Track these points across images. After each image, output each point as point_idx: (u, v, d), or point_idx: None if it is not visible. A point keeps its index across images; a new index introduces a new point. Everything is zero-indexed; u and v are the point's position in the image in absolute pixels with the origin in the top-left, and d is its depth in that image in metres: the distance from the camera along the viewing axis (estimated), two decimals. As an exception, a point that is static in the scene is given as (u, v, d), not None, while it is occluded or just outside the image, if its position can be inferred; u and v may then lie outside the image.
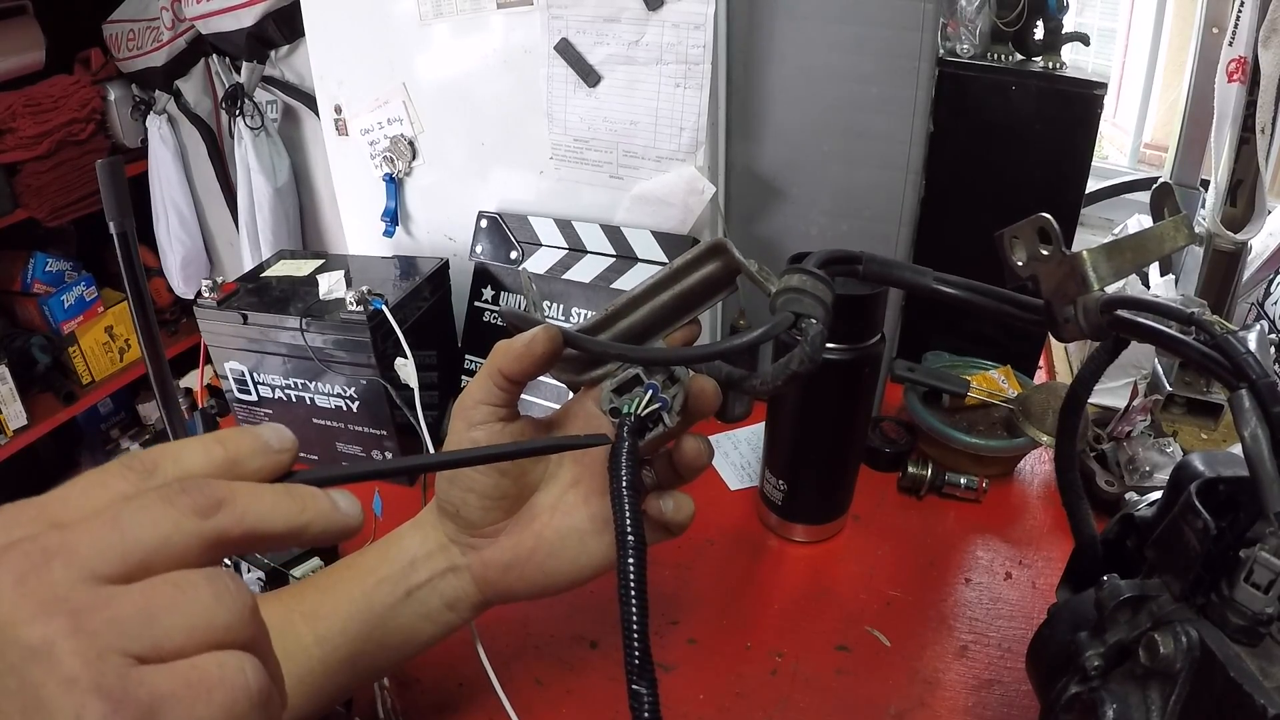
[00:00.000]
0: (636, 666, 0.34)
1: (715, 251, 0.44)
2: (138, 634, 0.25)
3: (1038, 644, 0.48)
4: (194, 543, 0.27)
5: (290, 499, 0.29)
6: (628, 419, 0.41)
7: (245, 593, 0.27)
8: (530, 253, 0.90)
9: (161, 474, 0.28)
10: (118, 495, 0.28)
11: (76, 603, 0.25)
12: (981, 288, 0.46)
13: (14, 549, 0.25)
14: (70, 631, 0.24)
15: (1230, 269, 0.90)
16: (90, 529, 0.26)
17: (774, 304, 0.41)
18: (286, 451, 0.31)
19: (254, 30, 1.61)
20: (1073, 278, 0.36)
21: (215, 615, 0.26)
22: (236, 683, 0.26)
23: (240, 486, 0.28)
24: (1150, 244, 0.39)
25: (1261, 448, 0.36)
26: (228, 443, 0.30)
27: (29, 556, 0.25)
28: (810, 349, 0.39)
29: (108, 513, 0.27)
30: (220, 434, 0.30)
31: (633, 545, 0.37)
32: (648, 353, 0.44)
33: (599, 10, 0.79)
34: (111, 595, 0.25)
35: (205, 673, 0.25)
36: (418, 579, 0.51)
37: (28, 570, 0.25)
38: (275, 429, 0.31)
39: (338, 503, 0.30)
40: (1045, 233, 0.37)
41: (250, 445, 0.30)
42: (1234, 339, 0.38)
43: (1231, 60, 0.82)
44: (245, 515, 0.28)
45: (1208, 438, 0.89)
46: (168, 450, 0.29)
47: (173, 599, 0.26)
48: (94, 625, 0.25)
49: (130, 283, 1.02)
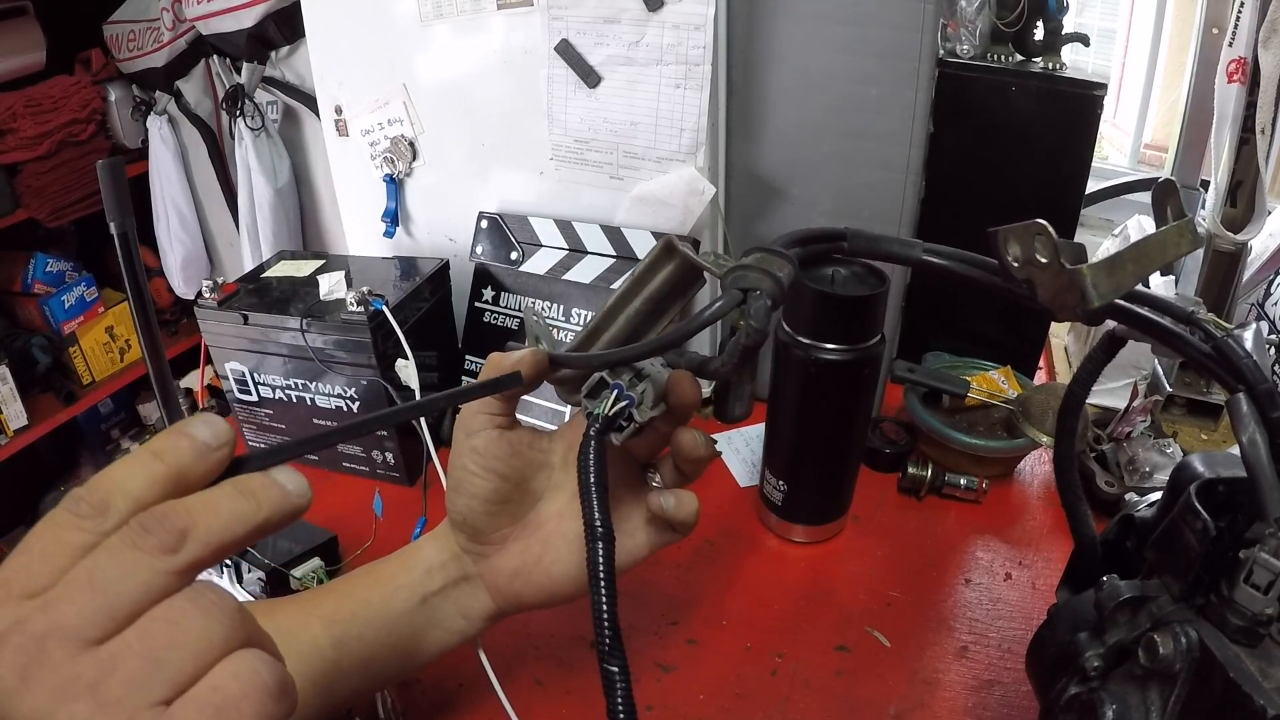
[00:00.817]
0: (607, 649, 0.37)
1: (667, 252, 0.45)
2: (154, 682, 0.26)
3: (1037, 645, 0.48)
4: (171, 580, 0.27)
5: (244, 500, 0.29)
6: (594, 420, 0.43)
7: (226, 597, 0.28)
8: (530, 253, 0.91)
9: (114, 512, 0.28)
10: (79, 548, 0.27)
11: (88, 678, 0.25)
12: (972, 258, 0.46)
13: (5, 644, 0.25)
14: (97, 708, 0.25)
15: (1230, 270, 0.90)
16: (70, 598, 0.26)
17: (723, 283, 0.42)
18: (225, 446, 0.30)
19: (254, 31, 1.61)
20: (1071, 291, 0.36)
21: (212, 632, 0.27)
22: (256, 685, 0.27)
23: (196, 506, 0.28)
24: (1153, 252, 0.39)
25: (1260, 452, 0.36)
26: (166, 455, 0.29)
27: (23, 649, 0.25)
28: (756, 322, 0.39)
29: (80, 575, 0.26)
30: (156, 446, 0.29)
31: (601, 536, 0.39)
32: (601, 357, 0.45)
33: (599, 11, 0.79)
34: (115, 655, 0.26)
35: (226, 692, 0.26)
36: (433, 586, 0.52)
37: (27, 663, 0.25)
38: (208, 422, 0.30)
39: (286, 486, 0.30)
40: (1042, 241, 0.37)
41: (189, 451, 0.29)
42: (1232, 341, 0.38)
43: (1231, 61, 0.82)
44: (210, 536, 0.28)
45: (1208, 438, 0.89)
46: (112, 482, 0.28)
47: (170, 635, 0.26)
48: (114, 692, 0.25)
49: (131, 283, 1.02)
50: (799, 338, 0.67)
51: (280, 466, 0.31)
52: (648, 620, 0.69)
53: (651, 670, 0.65)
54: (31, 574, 0.27)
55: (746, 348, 0.40)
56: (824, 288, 0.65)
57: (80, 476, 2.30)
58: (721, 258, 0.43)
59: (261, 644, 0.28)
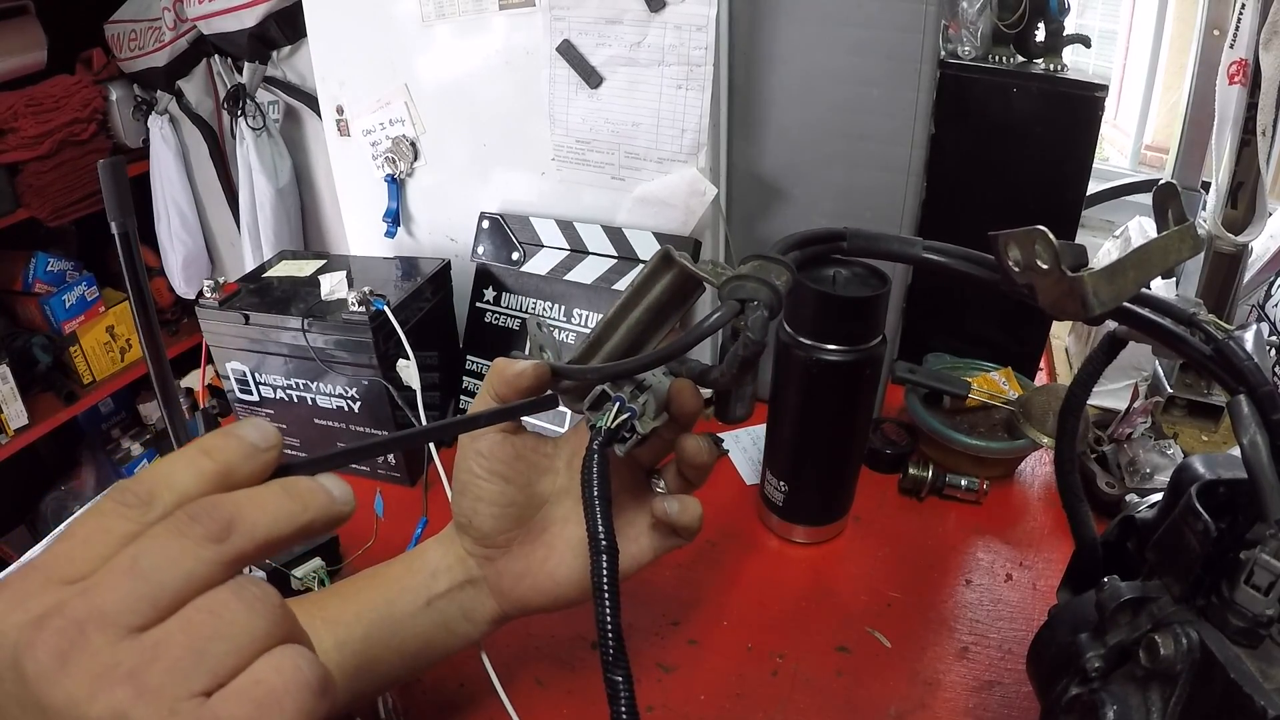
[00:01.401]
0: (611, 659, 0.37)
1: (665, 262, 0.45)
2: (195, 672, 0.25)
3: (1038, 645, 0.49)
4: (216, 570, 0.27)
5: (290, 500, 0.29)
6: (598, 433, 0.43)
7: (269, 591, 0.28)
8: (532, 254, 0.91)
9: (159, 503, 0.28)
10: (123, 537, 0.27)
11: (129, 665, 0.25)
12: (973, 255, 0.46)
13: (44, 627, 0.25)
14: (136, 696, 0.24)
15: (1231, 271, 0.90)
16: (113, 584, 0.26)
17: (721, 294, 0.42)
18: (273, 448, 0.30)
19: (256, 31, 1.61)
20: (1072, 298, 0.36)
21: (255, 626, 0.27)
22: (298, 680, 0.26)
23: (243, 499, 0.28)
24: (1154, 257, 0.39)
25: (1261, 454, 0.36)
26: (215, 453, 0.29)
27: (63, 632, 0.25)
28: (753, 333, 0.39)
29: (123, 561, 0.26)
30: (205, 444, 0.29)
31: (604, 549, 0.39)
32: (601, 370, 0.45)
33: (601, 12, 0.79)
34: (157, 644, 0.25)
35: (269, 685, 0.26)
36: (438, 589, 0.52)
37: (66, 647, 0.25)
38: (257, 425, 0.31)
39: (332, 492, 0.30)
40: (1043, 246, 0.37)
41: (238, 451, 0.29)
42: (1233, 343, 0.38)
43: (1232, 63, 0.82)
44: (255, 530, 0.28)
45: (1208, 439, 0.89)
46: (158, 475, 0.28)
47: (213, 626, 0.26)
48: (155, 681, 0.25)
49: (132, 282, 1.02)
50: (800, 339, 0.67)
51: (326, 473, 0.31)
52: (649, 620, 0.69)
53: (652, 670, 0.65)
54: (73, 560, 0.26)
55: (745, 358, 0.40)
56: (825, 289, 0.65)
57: (80, 476, 2.30)
58: (720, 266, 0.44)
59: (300, 640, 0.28)
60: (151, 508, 0.27)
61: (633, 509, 0.52)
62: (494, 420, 0.42)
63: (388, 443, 0.35)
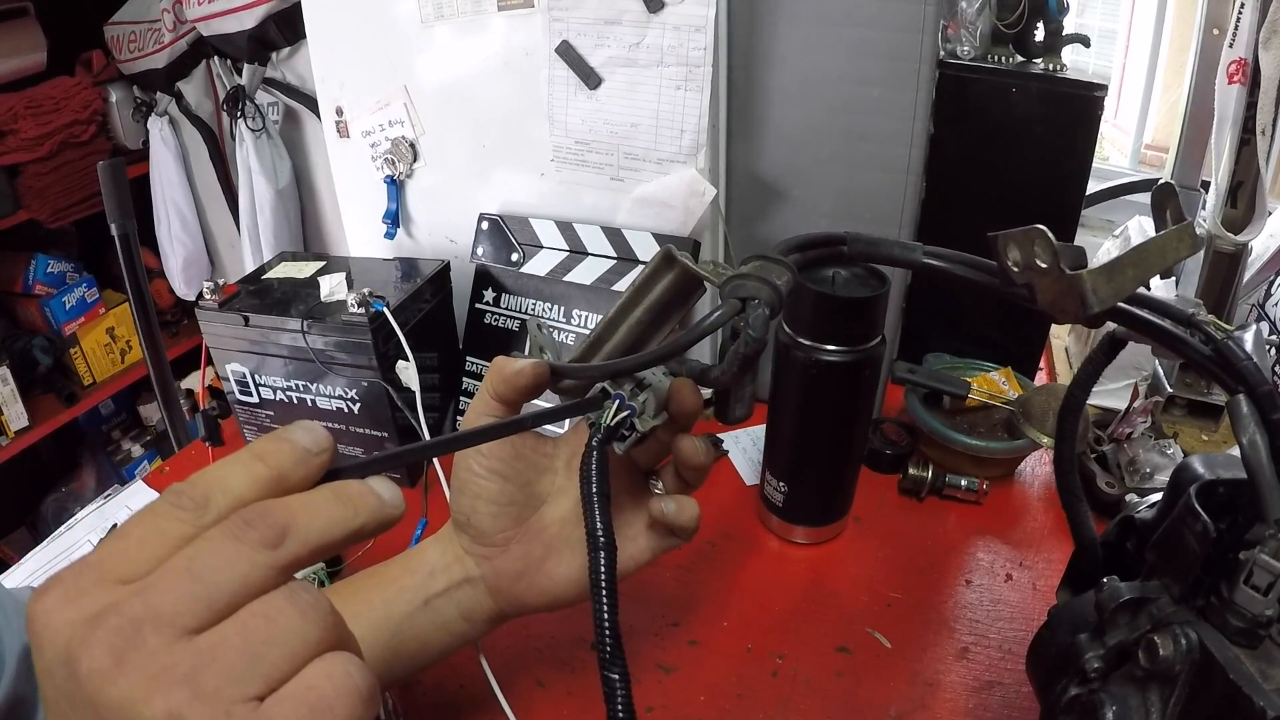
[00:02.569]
0: (608, 657, 0.37)
1: (667, 262, 0.45)
2: (250, 676, 0.25)
3: (1038, 646, 0.49)
4: (270, 575, 0.27)
5: (342, 504, 0.29)
6: (597, 430, 0.43)
7: (321, 597, 0.28)
8: (531, 255, 0.91)
9: (214, 507, 0.28)
10: (178, 539, 0.27)
11: (185, 666, 0.25)
12: (973, 260, 0.46)
13: (100, 626, 0.25)
14: (192, 697, 0.25)
15: (1231, 271, 0.90)
16: (169, 585, 0.26)
17: (722, 292, 0.42)
18: (325, 453, 0.31)
19: (255, 32, 1.61)
20: (1071, 296, 0.36)
21: (307, 632, 0.27)
22: (349, 687, 0.27)
23: (296, 505, 0.28)
24: (1153, 257, 0.39)
25: (1260, 454, 0.36)
26: (268, 458, 0.29)
27: (119, 631, 0.25)
28: (754, 331, 0.39)
29: (179, 563, 0.26)
30: (258, 449, 0.30)
31: (603, 545, 0.39)
32: (601, 368, 0.45)
33: (600, 13, 0.79)
34: (213, 647, 0.26)
35: (321, 691, 0.26)
36: (436, 588, 0.52)
37: (123, 646, 0.25)
38: (308, 429, 0.31)
39: (382, 495, 0.30)
40: (1042, 246, 0.37)
41: (291, 456, 0.30)
42: (1232, 343, 0.38)
43: (1232, 62, 0.82)
44: (309, 535, 0.28)
45: (1208, 439, 0.89)
46: (213, 478, 0.29)
47: (267, 630, 0.26)
48: (210, 684, 0.25)
49: (132, 284, 1.02)
50: (800, 339, 0.67)
51: (376, 476, 0.31)
52: (649, 621, 0.69)
53: (652, 671, 0.65)
54: (128, 559, 0.27)
55: (745, 356, 0.40)
56: (825, 289, 0.65)
57: (81, 478, 2.30)
58: (721, 266, 0.44)
59: (350, 646, 0.28)
60: (206, 511, 0.28)
61: (631, 509, 0.52)
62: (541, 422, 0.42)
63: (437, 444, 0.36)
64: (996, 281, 0.41)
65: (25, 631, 0.48)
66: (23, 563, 0.81)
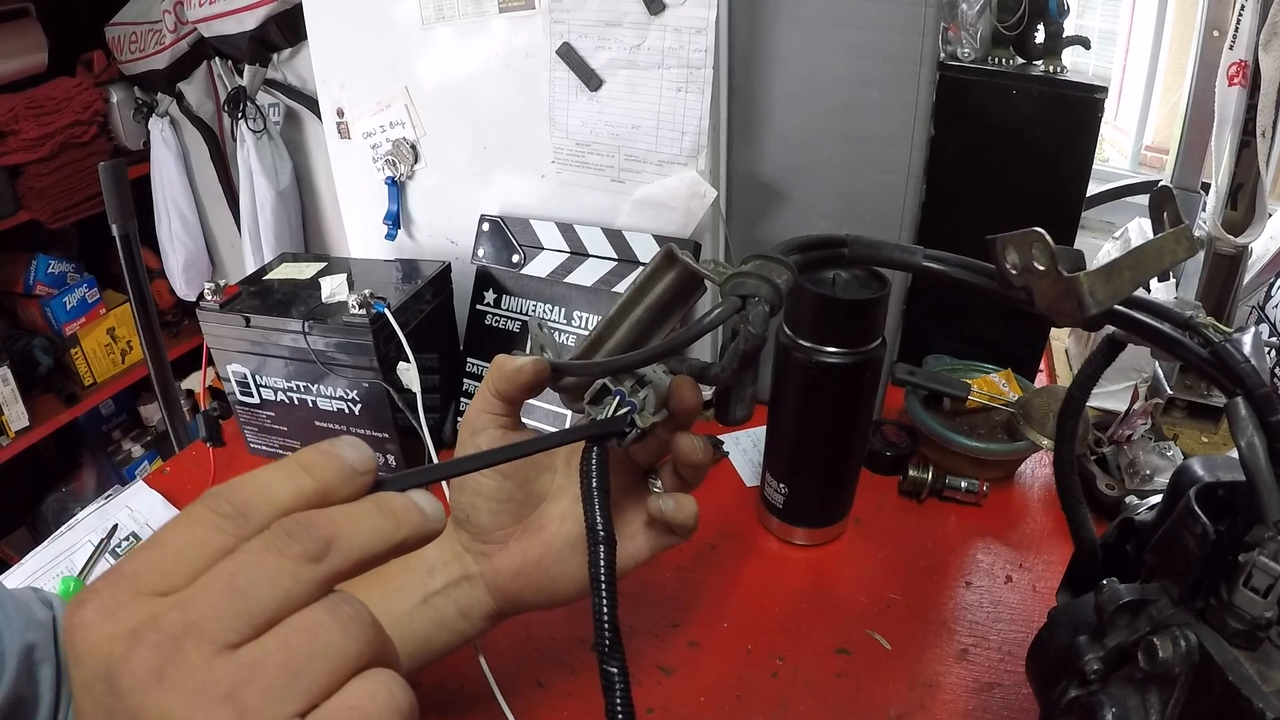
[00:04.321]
0: (606, 651, 0.37)
1: (668, 260, 0.45)
2: (292, 693, 0.25)
3: (1037, 647, 0.49)
4: (313, 589, 0.27)
5: (385, 518, 0.29)
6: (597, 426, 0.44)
7: (363, 610, 0.27)
8: (532, 256, 0.91)
9: (256, 517, 0.27)
10: (217, 550, 0.26)
11: (226, 683, 0.24)
12: (973, 264, 0.46)
13: (140, 641, 0.25)
14: (236, 717, 0.24)
15: (1231, 273, 0.90)
16: (209, 600, 0.25)
17: (723, 290, 0.42)
18: (370, 473, 0.30)
19: (256, 33, 1.61)
20: (1069, 298, 0.36)
21: (349, 647, 0.26)
22: (392, 708, 0.26)
23: (340, 518, 0.28)
24: (1150, 259, 0.39)
25: (1258, 456, 0.36)
26: (315, 471, 0.29)
27: (159, 647, 0.24)
28: (754, 328, 0.40)
29: (220, 577, 0.26)
30: (305, 460, 0.29)
31: (602, 540, 0.40)
32: (602, 364, 0.45)
33: (601, 14, 0.80)
34: (254, 663, 0.25)
35: (364, 711, 0.26)
36: (434, 586, 0.52)
37: (163, 662, 0.24)
38: (354, 447, 0.30)
39: (425, 509, 0.30)
40: (1040, 249, 0.37)
41: (339, 473, 0.29)
42: (1230, 346, 0.39)
43: (1232, 64, 0.82)
44: (353, 550, 0.27)
45: (1208, 441, 0.89)
46: (255, 487, 0.28)
47: (309, 646, 0.26)
48: (253, 701, 0.25)
49: (132, 284, 1.02)
50: (800, 341, 0.67)
51: (418, 490, 0.31)
52: (649, 622, 0.69)
53: (652, 672, 0.65)
54: (166, 571, 0.26)
55: (745, 353, 0.41)
56: (825, 291, 0.65)
57: (81, 478, 2.30)
58: (721, 265, 0.44)
59: (390, 661, 0.28)
60: (248, 521, 0.27)
61: (630, 507, 0.52)
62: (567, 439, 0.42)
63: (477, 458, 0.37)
64: (996, 284, 0.41)
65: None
66: (23, 563, 0.81)
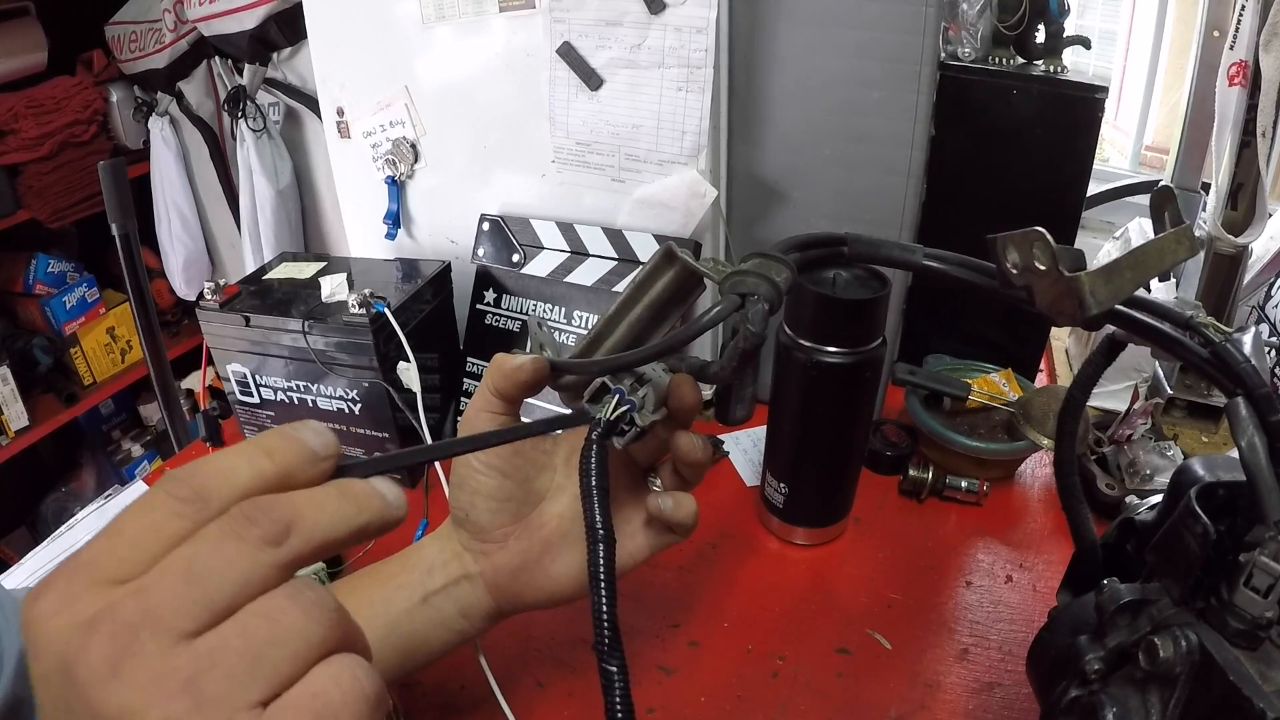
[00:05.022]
0: (606, 649, 0.37)
1: (668, 259, 0.45)
2: (252, 680, 0.24)
3: (1038, 647, 0.49)
4: (272, 574, 0.26)
5: (347, 503, 0.28)
6: (597, 424, 0.43)
7: (325, 595, 0.27)
8: (532, 256, 0.91)
9: (215, 500, 0.26)
10: (175, 535, 0.26)
11: (185, 673, 0.24)
12: (973, 263, 0.46)
13: (95, 631, 0.24)
14: (194, 707, 0.24)
15: (1231, 273, 0.90)
16: (166, 586, 0.25)
17: (722, 288, 0.42)
18: (331, 458, 0.30)
19: (256, 32, 1.61)
20: (1069, 298, 0.36)
21: (311, 632, 0.26)
22: (356, 693, 0.26)
23: (300, 501, 0.27)
24: (1150, 259, 0.39)
25: (1259, 456, 0.36)
26: (276, 455, 0.28)
27: (115, 637, 0.24)
28: (753, 326, 0.40)
29: (177, 563, 0.25)
30: (265, 444, 0.28)
31: (602, 538, 0.40)
32: (602, 363, 0.45)
33: (601, 14, 0.80)
34: (212, 650, 0.24)
35: (327, 698, 0.25)
36: (434, 585, 0.52)
37: (119, 653, 0.24)
38: (317, 431, 0.30)
39: (386, 496, 0.29)
40: (1041, 248, 0.37)
41: (300, 456, 0.29)
42: (1230, 345, 0.39)
43: (1232, 64, 0.82)
44: (313, 533, 0.27)
45: (1209, 441, 0.89)
46: (214, 470, 0.27)
47: (269, 632, 0.25)
48: (211, 690, 0.24)
49: (132, 284, 1.02)
50: (800, 341, 0.67)
51: (380, 477, 0.30)
52: (649, 622, 0.69)
53: (653, 672, 0.65)
54: (121, 559, 0.25)
55: (744, 351, 0.41)
56: (825, 291, 0.65)
57: (81, 478, 2.30)
58: (721, 264, 0.44)
59: (356, 646, 0.27)
60: (206, 505, 0.26)
61: (629, 506, 0.52)
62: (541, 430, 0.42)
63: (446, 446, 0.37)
64: (996, 284, 0.41)
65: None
66: (23, 563, 0.81)
